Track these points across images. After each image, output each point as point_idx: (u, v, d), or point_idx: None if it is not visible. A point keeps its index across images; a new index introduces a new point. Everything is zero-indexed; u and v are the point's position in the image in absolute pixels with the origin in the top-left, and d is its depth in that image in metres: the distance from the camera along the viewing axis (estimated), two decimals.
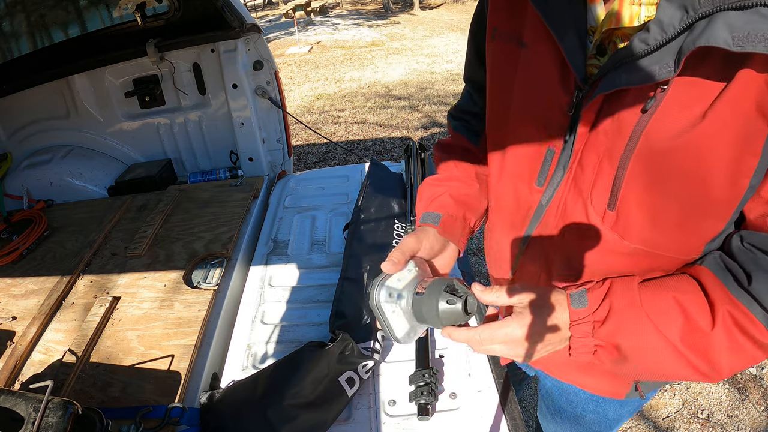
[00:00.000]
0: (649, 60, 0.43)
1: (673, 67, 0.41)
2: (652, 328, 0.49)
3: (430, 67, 6.61)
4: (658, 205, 0.50)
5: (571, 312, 0.53)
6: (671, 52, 0.41)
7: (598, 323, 0.52)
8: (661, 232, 0.52)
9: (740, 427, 1.69)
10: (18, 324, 1.18)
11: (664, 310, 0.49)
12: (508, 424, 0.84)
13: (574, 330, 0.53)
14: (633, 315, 0.50)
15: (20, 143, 1.96)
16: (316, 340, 1.00)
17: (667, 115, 0.45)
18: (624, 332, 0.50)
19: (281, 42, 9.11)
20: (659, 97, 0.44)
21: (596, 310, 0.52)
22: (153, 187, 1.81)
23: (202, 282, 1.25)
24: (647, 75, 0.43)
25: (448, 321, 0.53)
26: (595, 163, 0.53)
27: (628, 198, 0.51)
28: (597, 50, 0.51)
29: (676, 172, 0.47)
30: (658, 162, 0.47)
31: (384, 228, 1.35)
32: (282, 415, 0.84)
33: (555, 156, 0.57)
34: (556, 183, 0.58)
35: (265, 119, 1.93)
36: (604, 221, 0.55)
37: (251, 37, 1.74)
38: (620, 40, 0.48)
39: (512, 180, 0.65)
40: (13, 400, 0.69)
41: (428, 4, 12.83)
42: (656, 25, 0.42)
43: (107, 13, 1.83)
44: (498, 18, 0.61)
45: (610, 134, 0.50)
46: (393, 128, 4.56)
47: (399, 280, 0.56)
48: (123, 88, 1.87)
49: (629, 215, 0.52)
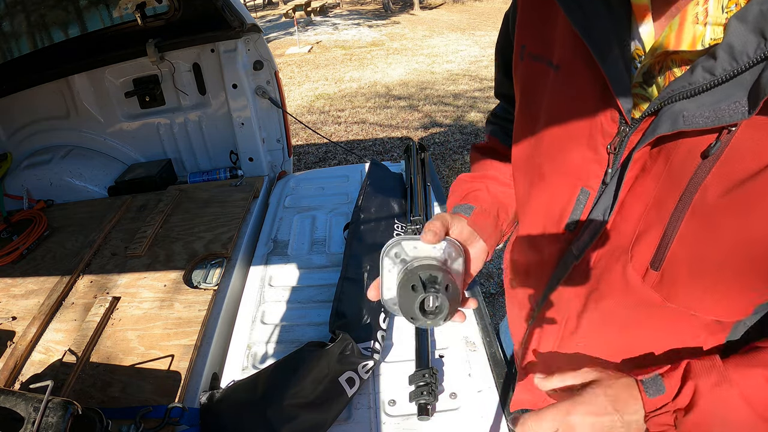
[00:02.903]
0: (716, 95, 0.36)
1: (746, 106, 0.34)
2: (749, 410, 0.41)
3: (430, 67, 6.61)
4: (710, 269, 0.42)
5: (646, 402, 0.45)
6: (743, 85, 0.35)
7: (681, 411, 0.44)
8: (710, 295, 0.44)
9: None
10: (18, 324, 1.18)
11: (758, 388, 0.42)
12: (508, 424, 0.84)
13: (652, 424, 0.45)
14: (724, 397, 0.42)
15: (20, 143, 1.97)
16: (316, 340, 1.00)
17: (734, 163, 0.37)
18: (717, 419, 0.42)
19: (281, 42, 9.11)
20: (725, 140, 0.37)
21: (677, 396, 0.44)
22: (153, 187, 1.81)
23: (202, 282, 1.25)
24: (714, 115, 0.36)
25: (404, 309, 0.48)
26: (639, 214, 0.45)
27: (677, 257, 0.43)
28: (643, 78, 0.43)
29: (735, 233, 0.39)
30: (717, 217, 0.40)
31: (384, 228, 1.35)
32: (282, 415, 0.84)
33: (590, 198, 0.49)
34: (592, 232, 0.49)
35: (265, 119, 1.93)
36: (645, 281, 0.47)
37: (251, 37, 1.74)
38: (677, 65, 0.40)
39: (540, 218, 0.57)
40: (13, 400, 0.68)
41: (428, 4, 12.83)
42: (725, 51, 0.34)
43: (107, 13, 1.83)
44: (526, 35, 0.54)
45: (661, 181, 0.42)
46: (393, 128, 4.56)
47: (415, 248, 0.52)
48: (123, 88, 1.87)
49: (677, 276, 0.45)
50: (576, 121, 0.48)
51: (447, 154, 3.89)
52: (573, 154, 0.50)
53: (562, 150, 0.51)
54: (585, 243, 0.51)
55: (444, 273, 0.48)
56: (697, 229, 0.41)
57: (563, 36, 0.48)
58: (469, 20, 10.31)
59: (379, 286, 0.53)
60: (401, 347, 1.03)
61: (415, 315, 0.46)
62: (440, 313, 0.46)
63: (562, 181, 0.52)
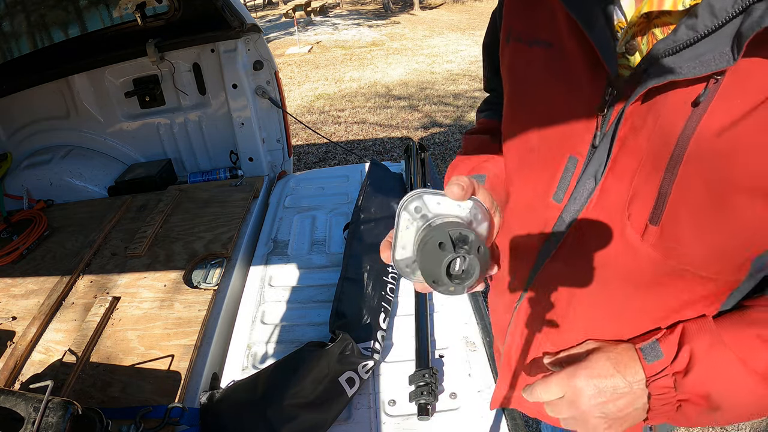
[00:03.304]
0: (701, 48, 0.38)
1: (730, 54, 0.37)
2: (743, 368, 0.44)
3: (430, 67, 6.61)
4: (708, 215, 0.43)
5: (645, 368, 0.47)
6: (725, 37, 0.37)
7: (680, 374, 0.46)
8: (709, 245, 0.45)
9: (740, 426, 1.69)
10: (18, 324, 1.18)
11: (752, 347, 0.44)
12: (508, 424, 0.84)
13: (653, 387, 0.47)
14: (719, 358, 0.45)
15: (20, 143, 1.97)
16: (316, 340, 1.00)
17: (723, 108, 0.39)
18: (714, 379, 0.45)
19: (281, 42, 9.11)
20: (713, 88, 0.39)
21: (675, 359, 0.46)
22: (153, 187, 1.81)
23: (202, 282, 1.25)
24: (701, 64, 0.38)
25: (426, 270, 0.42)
26: (634, 171, 0.46)
27: (675, 208, 0.44)
28: (625, 49, 0.46)
29: (731, 174, 0.41)
30: (711, 163, 0.41)
31: (384, 228, 1.35)
32: (282, 415, 0.84)
33: (578, 165, 0.50)
34: (583, 197, 0.50)
35: (265, 119, 1.93)
36: (644, 238, 0.47)
37: (251, 37, 1.74)
38: (660, 31, 0.43)
39: (525, 194, 0.58)
40: (13, 400, 0.69)
41: (428, 4, 12.83)
42: (705, 9, 0.37)
43: (107, 13, 1.83)
44: (514, 19, 0.56)
45: (654, 135, 0.44)
46: (393, 128, 4.56)
47: (438, 204, 0.46)
48: (123, 88, 1.88)
49: (676, 229, 0.45)
50: (564, 92, 0.50)
51: (447, 154, 3.89)
52: (561, 123, 0.51)
53: (551, 122, 0.52)
54: (576, 209, 0.51)
55: (475, 233, 0.42)
56: (693, 175, 0.42)
57: (551, 15, 0.50)
58: (469, 20, 10.31)
59: (392, 244, 0.47)
60: (401, 347, 1.03)
61: (439, 278, 0.41)
62: (469, 277, 0.41)
63: (549, 152, 0.53)
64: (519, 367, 0.66)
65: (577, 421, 0.51)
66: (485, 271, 0.43)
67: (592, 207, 0.50)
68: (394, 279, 1.17)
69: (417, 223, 0.46)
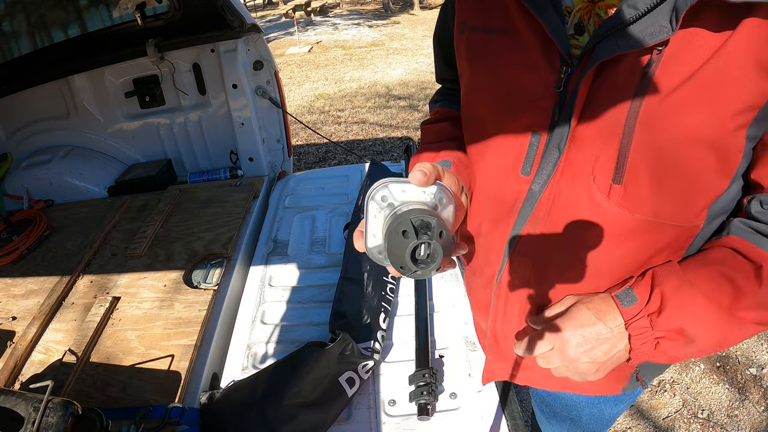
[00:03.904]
0: (643, 24, 0.43)
1: (670, 26, 0.41)
2: (709, 302, 0.49)
3: (430, 67, 6.60)
4: (664, 170, 0.48)
5: (623, 312, 0.52)
6: (664, 12, 0.42)
7: (654, 314, 0.51)
8: (669, 197, 0.50)
9: (740, 427, 1.69)
10: (18, 324, 1.18)
11: (714, 283, 0.49)
12: (508, 424, 0.84)
13: (632, 329, 0.52)
14: (687, 295, 0.50)
15: (20, 143, 1.96)
16: (316, 340, 1.00)
17: (669, 74, 0.44)
18: (685, 315, 0.50)
19: (281, 42, 9.11)
20: (656, 58, 0.44)
21: (648, 302, 0.51)
22: (153, 187, 1.81)
23: (202, 282, 1.25)
24: (645, 37, 0.43)
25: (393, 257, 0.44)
26: (594, 138, 0.50)
27: (635, 167, 0.49)
28: (575, 29, 0.50)
29: (680, 130, 0.46)
30: (662, 124, 0.46)
31: None
32: (282, 415, 0.84)
33: (541, 141, 0.54)
34: (549, 167, 0.54)
35: (265, 119, 1.93)
36: (610, 197, 0.52)
37: (251, 37, 1.74)
38: (604, 12, 0.48)
39: (494, 173, 0.61)
40: (13, 400, 0.69)
41: (428, 4, 12.83)
42: None
43: (107, 13, 1.83)
44: (466, 11, 0.60)
45: (608, 105, 0.48)
46: (393, 128, 4.56)
47: (403, 192, 0.47)
48: (123, 88, 1.87)
49: (638, 186, 0.50)
50: (522, 73, 0.54)
51: None
52: (522, 103, 0.54)
53: (512, 103, 0.56)
54: (544, 179, 0.55)
55: (437, 219, 0.43)
56: (647, 136, 0.47)
57: (502, 3, 0.54)
58: None
59: (364, 233, 0.49)
60: (401, 347, 1.03)
61: (405, 264, 0.42)
62: (433, 262, 0.42)
63: (513, 131, 0.56)
64: (506, 338, 0.69)
65: (568, 368, 0.56)
66: (449, 253, 0.45)
67: (558, 175, 0.54)
68: (394, 279, 1.17)
69: (384, 212, 0.47)
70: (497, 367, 0.75)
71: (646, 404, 1.81)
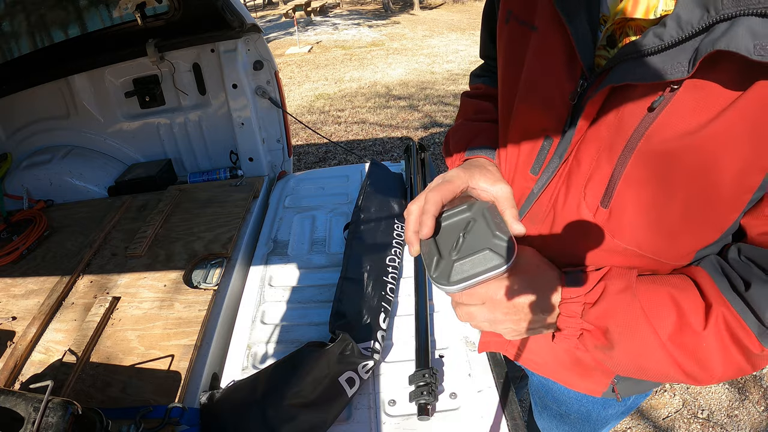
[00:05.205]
0: (663, 57, 0.41)
1: (687, 67, 0.39)
2: (643, 318, 0.48)
3: (430, 67, 6.61)
4: (653, 208, 0.48)
5: (563, 290, 0.53)
6: (686, 51, 0.39)
7: (588, 305, 0.51)
8: (654, 235, 0.50)
9: (740, 427, 1.69)
10: (18, 324, 1.18)
11: (658, 303, 0.48)
12: (508, 424, 0.84)
13: (564, 308, 0.52)
14: (625, 301, 0.49)
15: (20, 143, 1.96)
16: (316, 340, 1.00)
17: (674, 117, 0.43)
18: (614, 317, 0.49)
19: (281, 42, 9.11)
20: (668, 96, 0.42)
21: (589, 292, 0.51)
22: (153, 187, 1.81)
23: (202, 282, 1.25)
24: (659, 72, 0.41)
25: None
26: (592, 157, 0.51)
27: (623, 197, 0.49)
28: (607, 41, 0.48)
29: (677, 175, 0.45)
30: (658, 163, 0.45)
31: (384, 228, 1.35)
32: (282, 415, 0.84)
33: (552, 145, 0.55)
34: (550, 173, 0.56)
35: (265, 119, 1.93)
36: (596, 218, 0.53)
37: (251, 37, 1.74)
38: (633, 32, 0.46)
39: (510, 165, 0.63)
40: (13, 400, 0.69)
41: (428, 4, 12.83)
42: (674, 21, 0.39)
43: (107, 13, 1.83)
44: (512, 1, 0.59)
45: (612, 129, 0.48)
46: (393, 128, 4.56)
47: None
48: (123, 88, 1.87)
49: (623, 215, 0.51)
50: (546, 77, 0.54)
51: None
52: (542, 105, 0.55)
53: (534, 103, 0.57)
54: (544, 182, 0.57)
55: None
56: (641, 171, 0.47)
57: (544, 1, 0.53)
58: (468, 20, 10.30)
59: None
60: (401, 347, 1.03)
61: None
62: None
63: (531, 129, 0.58)
64: None
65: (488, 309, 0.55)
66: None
67: (556, 183, 0.56)
68: (394, 279, 1.17)
69: None
70: (492, 339, 0.79)
71: (646, 404, 1.81)
